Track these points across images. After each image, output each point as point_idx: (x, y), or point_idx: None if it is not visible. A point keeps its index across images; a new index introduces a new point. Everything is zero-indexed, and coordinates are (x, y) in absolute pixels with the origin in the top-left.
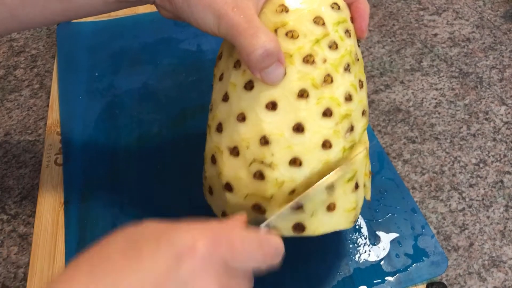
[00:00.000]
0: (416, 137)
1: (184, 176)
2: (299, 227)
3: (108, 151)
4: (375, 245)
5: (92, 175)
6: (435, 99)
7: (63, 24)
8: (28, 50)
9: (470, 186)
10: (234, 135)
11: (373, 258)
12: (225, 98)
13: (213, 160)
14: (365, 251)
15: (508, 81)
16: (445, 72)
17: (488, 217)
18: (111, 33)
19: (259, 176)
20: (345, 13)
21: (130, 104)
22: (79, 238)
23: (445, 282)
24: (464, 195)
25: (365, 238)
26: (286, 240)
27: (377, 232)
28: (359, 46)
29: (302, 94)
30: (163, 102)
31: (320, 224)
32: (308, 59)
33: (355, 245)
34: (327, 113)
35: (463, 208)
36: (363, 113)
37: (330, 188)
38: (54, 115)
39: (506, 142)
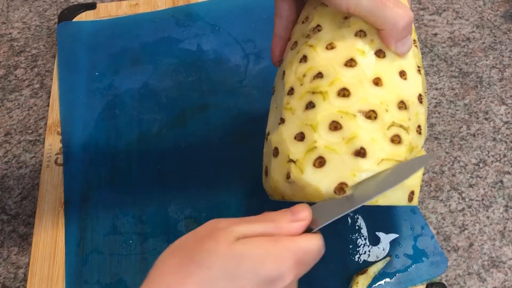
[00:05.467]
0: None
1: (184, 176)
2: (412, 194)
3: (108, 151)
4: (374, 245)
5: (92, 175)
6: (435, 98)
7: (64, 23)
8: (29, 49)
9: (470, 186)
10: (370, 98)
11: (372, 258)
12: (350, 64)
13: (336, 126)
14: (365, 252)
15: (508, 80)
16: (445, 72)
17: (487, 217)
18: (111, 33)
19: (396, 140)
20: None
21: (130, 104)
22: (79, 238)
23: (445, 283)
24: (464, 195)
25: (365, 239)
26: None
27: (376, 233)
28: None
29: (418, 70)
30: (163, 102)
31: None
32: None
33: (355, 245)
34: (422, 94)
35: (463, 208)
36: None
37: None
38: (54, 115)
39: (506, 142)
